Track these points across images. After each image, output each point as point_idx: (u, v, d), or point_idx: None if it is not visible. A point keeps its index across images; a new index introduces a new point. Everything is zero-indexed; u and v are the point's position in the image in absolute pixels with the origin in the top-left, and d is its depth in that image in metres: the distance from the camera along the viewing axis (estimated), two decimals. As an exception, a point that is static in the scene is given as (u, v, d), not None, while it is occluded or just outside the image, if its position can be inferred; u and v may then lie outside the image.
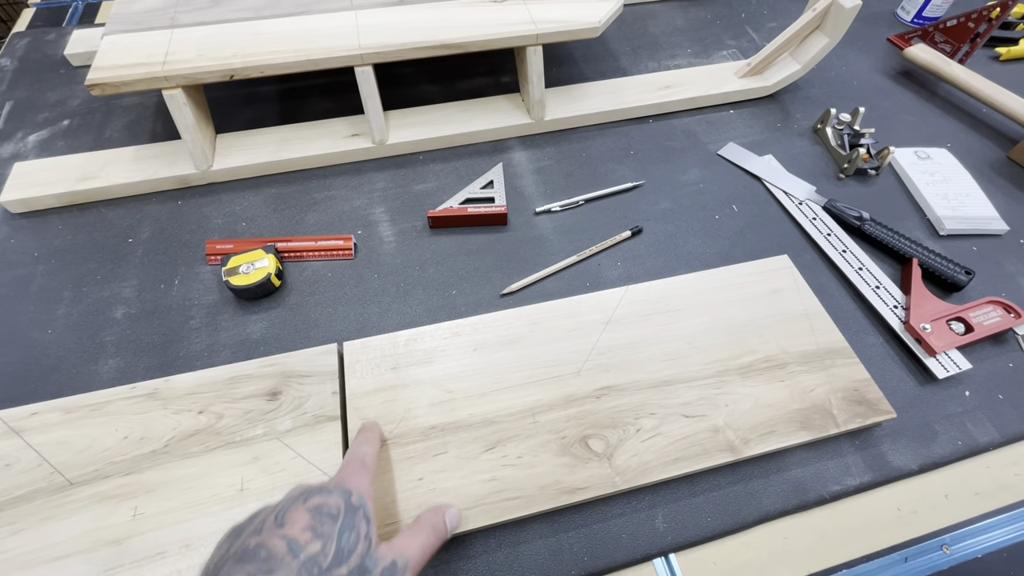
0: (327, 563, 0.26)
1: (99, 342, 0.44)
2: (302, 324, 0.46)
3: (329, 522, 0.27)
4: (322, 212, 0.54)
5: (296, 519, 0.27)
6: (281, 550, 0.25)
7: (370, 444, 0.35)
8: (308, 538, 0.26)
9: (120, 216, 0.53)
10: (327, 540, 0.26)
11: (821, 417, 0.40)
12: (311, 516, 0.27)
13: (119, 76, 0.48)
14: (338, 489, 0.29)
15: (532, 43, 0.55)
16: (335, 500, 0.28)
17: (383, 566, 0.27)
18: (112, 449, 0.38)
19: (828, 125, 0.61)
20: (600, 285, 0.49)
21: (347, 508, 0.28)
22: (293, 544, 0.26)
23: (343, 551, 0.26)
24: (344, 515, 0.28)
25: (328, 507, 0.28)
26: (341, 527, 0.27)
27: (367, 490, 0.30)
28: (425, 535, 0.31)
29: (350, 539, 0.27)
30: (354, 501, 0.29)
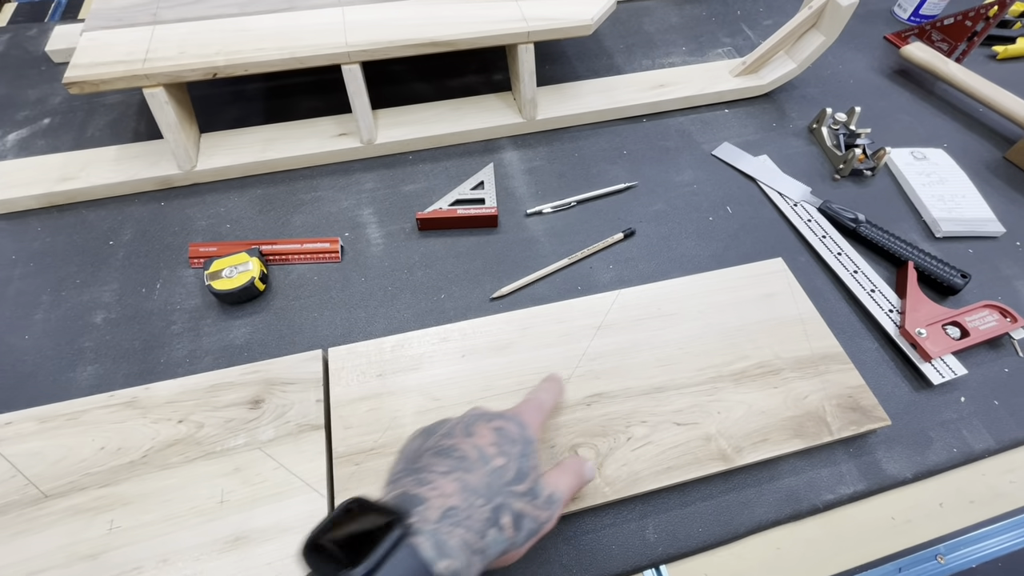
0: (509, 478, 0.28)
1: (78, 348, 0.43)
2: (287, 329, 0.45)
3: (509, 444, 0.29)
4: (309, 214, 0.52)
5: (483, 433, 0.29)
6: (473, 455, 0.28)
7: (550, 394, 0.36)
8: (494, 452, 0.28)
9: (101, 218, 0.52)
10: (510, 459, 0.28)
11: (815, 424, 0.39)
12: (495, 434, 0.29)
13: (98, 74, 0.47)
14: (515, 419, 0.31)
15: (523, 41, 0.54)
16: (514, 428, 0.30)
17: (546, 495, 0.29)
18: (88, 460, 0.36)
19: (824, 125, 0.60)
20: (592, 289, 0.48)
21: (524, 438, 0.30)
22: (483, 453, 0.28)
23: (522, 472, 0.28)
24: (522, 443, 0.30)
25: (509, 431, 0.30)
26: (520, 452, 0.29)
27: (537, 431, 0.32)
28: (572, 477, 0.32)
29: (526, 464, 0.29)
30: (528, 434, 0.30)
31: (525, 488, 0.28)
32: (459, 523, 0.25)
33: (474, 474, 0.27)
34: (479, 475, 0.27)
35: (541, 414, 0.34)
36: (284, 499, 0.35)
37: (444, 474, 0.26)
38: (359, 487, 0.36)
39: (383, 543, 0.22)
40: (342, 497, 0.35)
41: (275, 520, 0.35)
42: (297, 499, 0.35)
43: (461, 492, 0.26)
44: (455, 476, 0.26)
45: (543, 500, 0.29)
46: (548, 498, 0.29)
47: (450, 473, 0.26)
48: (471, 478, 0.26)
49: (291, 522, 0.34)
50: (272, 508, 0.35)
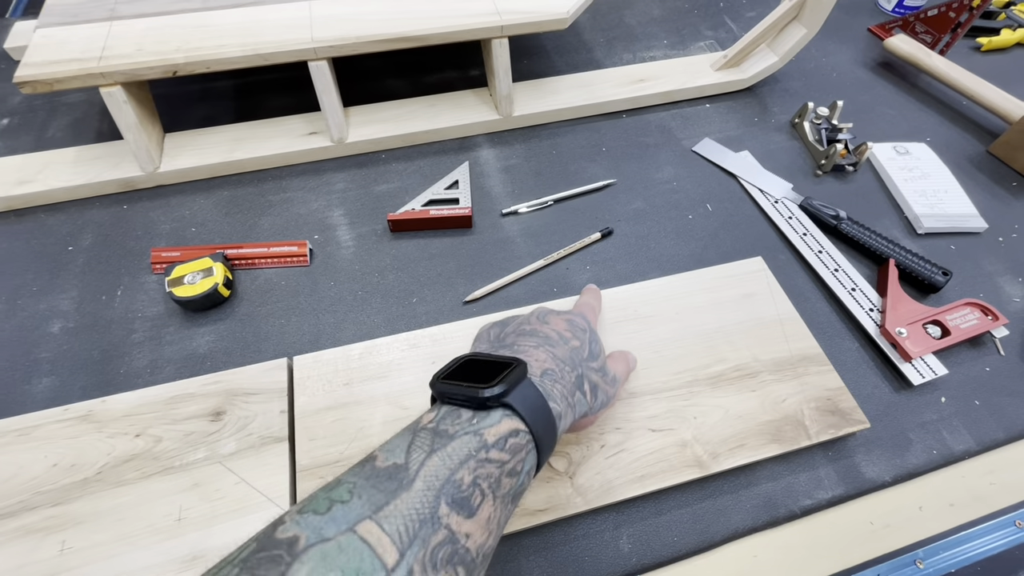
0: (584, 355, 0.31)
1: (33, 359, 0.42)
2: (252, 337, 0.43)
3: (580, 331, 0.32)
4: (277, 216, 0.51)
5: (556, 322, 0.32)
6: (554, 336, 0.31)
7: (597, 299, 0.41)
8: (570, 335, 0.32)
9: (60, 222, 0.50)
10: (583, 342, 0.32)
11: (793, 429, 0.38)
12: (567, 323, 0.33)
13: (51, 73, 0.45)
14: (579, 315, 0.34)
15: (497, 35, 0.52)
16: (580, 320, 0.33)
17: (611, 375, 0.33)
18: (40, 478, 0.35)
19: (806, 119, 0.59)
20: (568, 291, 0.47)
21: (590, 330, 0.33)
22: (561, 335, 0.31)
23: (594, 353, 0.32)
24: (590, 333, 0.33)
25: (577, 322, 0.33)
26: (590, 337, 0.33)
27: (594, 326, 0.35)
28: (624, 364, 0.36)
29: (596, 347, 0.33)
30: (592, 328, 0.34)
31: (598, 365, 0.32)
32: (556, 381, 0.28)
33: (559, 348, 0.30)
34: (563, 349, 0.30)
35: (595, 314, 0.38)
36: (245, 515, 0.34)
37: (535, 347, 0.30)
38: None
39: (511, 371, 0.25)
40: (305, 512, 0.34)
41: (235, 537, 0.33)
42: (258, 515, 0.34)
43: (552, 359, 0.29)
44: (545, 348, 0.30)
45: (611, 378, 0.33)
46: (613, 377, 0.33)
47: (540, 347, 0.30)
48: (557, 351, 0.30)
49: (251, 539, 0.33)
50: (232, 525, 0.34)
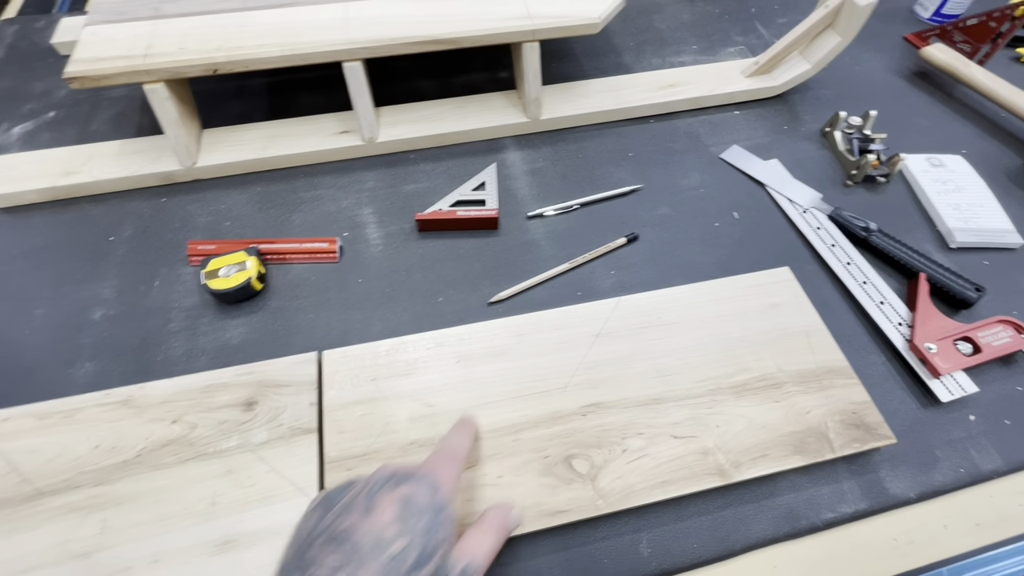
0: (408, 565, 0.26)
1: (76, 344, 0.44)
2: (283, 330, 0.45)
3: (415, 518, 0.27)
4: (308, 212, 0.52)
5: (384, 508, 0.27)
6: (368, 543, 0.26)
7: (464, 438, 0.34)
8: (394, 533, 0.26)
9: (103, 213, 0.52)
10: (412, 538, 0.26)
11: (816, 441, 0.38)
12: (399, 507, 0.27)
13: (99, 69, 0.47)
14: (426, 481, 0.29)
15: (528, 39, 0.52)
16: (423, 494, 0.28)
17: (457, 572, 0.27)
18: (83, 458, 0.37)
19: (837, 129, 0.58)
20: (592, 295, 0.47)
21: (433, 506, 0.28)
22: (380, 539, 0.26)
23: (425, 553, 0.26)
24: (431, 513, 0.28)
25: (416, 500, 0.28)
26: (427, 526, 0.27)
27: (453, 485, 0.30)
28: (493, 536, 0.31)
29: (432, 541, 0.27)
30: (439, 499, 0.29)
31: (430, 570, 0.26)
32: None
33: (366, 568, 0.25)
34: (372, 569, 0.25)
35: (456, 466, 0.32)
36: (275, 503, 0.35)
37: (335, 570, 0.24)
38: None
39: None
40: (332, 503, 0.35)
41: (265, 524, 0.34)
42: (288, 503, 0.35)
43: None
44: (340, 568, 0.24)
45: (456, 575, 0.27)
46: (461, 573, 0.27)
47: (339, 570, 0.24)
48: (364, 570, 0.25)
49: (281, 526, 0.34)
50: (263, 512, 0.35)
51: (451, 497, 0.29)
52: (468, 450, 0.34)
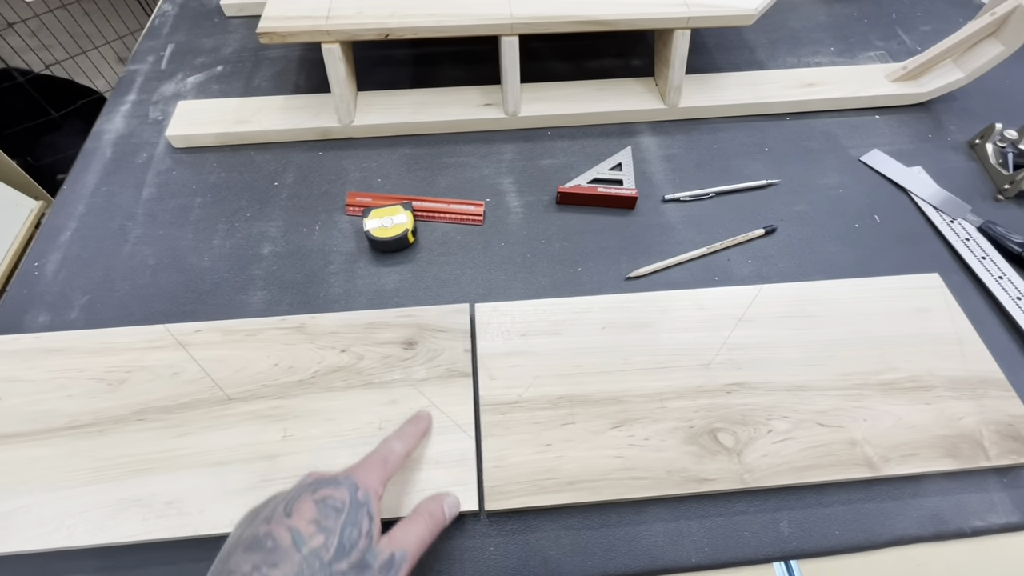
0: (328, 557, 0.27)
1: (249, 275, 0.48)
2: (432, 282, 0.47)
3: (333, 516, 0.28)
4: (452, 177, 0.55)
5: (304, 510, 0.28)
6: (287, 542, 0.27)
7: (402, 441, 0.35)
8: (312, 531, 0.27)
9: (267, 160, 0.56)
10: (330, 534, 0.27)
11: (970, 448, 0.37)
12: (317, 508, 0.28)
13: (287, 27, 0.51)
14: (347, 482, 0.30)
15: (682, 26, 0.53)
16: (341, 493, 0.29)
17: (382, 560, 0.28)
18: (264, 373, 0.40)
19: (989, 141, 0.56)
20: (729, 280, 0.47)
21: (352, 503, 0.29)
22: (297, 536, 0.27)
23: (344, 546, 0.27)
24: (349, 510, 0.29)
25: (334, 500, 0.29)
26: (344, 522, 0.28)
27: (376, 487, 0.31)
28: (423, 525, 0.32)
29: (352, 534, 0.28)
30: (359, 497, 0.30)
31: (352, 562, 0.27)
32: None
33: (282, 567, 0.26)
34: (289, 566, 0.26)
35: (383, 468, 0.32)
36: (436, 435, 0.38)
37: (252, 570, 0.25)
38: (504, 435, 0.38)
39: None
40: (489, 442, 0.37)
41: (429, 453, 0.37)
42: (448, 437, 0.38)
43: None
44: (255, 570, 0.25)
45: (378, 567, 0.28)
46: (386, 562, 0.28)
47: (257, 569, 0.25)
48: (278, 572, 0.25)
49: (443, 456, 0.37)
50: (425, 441, 0.38)
51: (373, 496, 0.30)
52: (405, 452, 0.35)
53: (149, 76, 0.64)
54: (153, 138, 0.58)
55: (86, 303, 0.46)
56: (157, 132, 0.58)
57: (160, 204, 0.53)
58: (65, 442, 0.37)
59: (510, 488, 0.36)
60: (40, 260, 0.49)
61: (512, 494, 0.36)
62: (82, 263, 0.49)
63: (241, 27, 0.70)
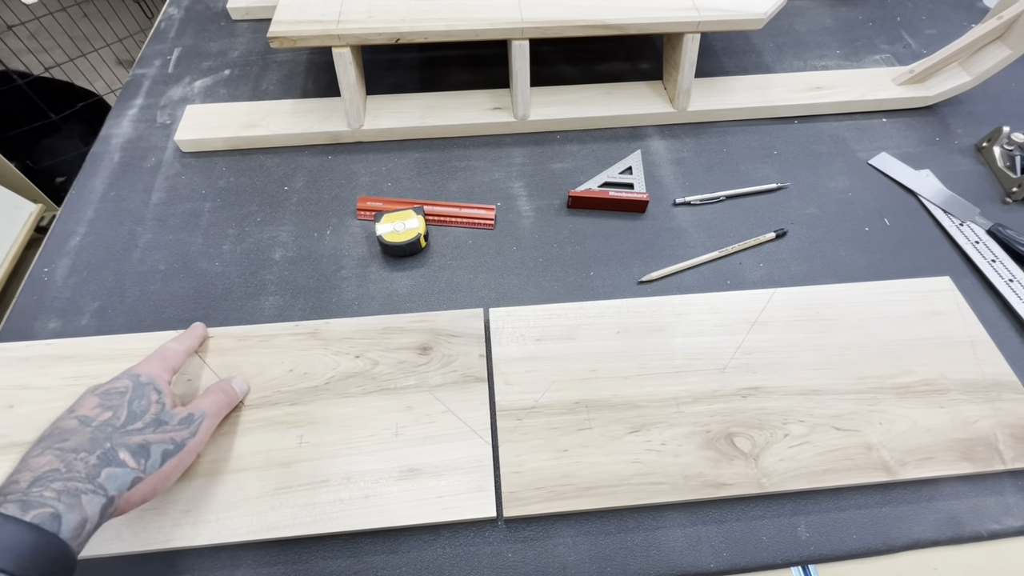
0: (120, 423, 0.30)
1: (261, 280, 0.48)
2: (445, 286, 0.47)
3: (117, 397, 0.32)
4: (463, 181, 0.55)
5: (85, 403, 0.31)
6: (71, 425, 0.30)
7: (180, 341, 0.39)
8: (98, 412, 0.31)
9: (276, 164, 0.56)
10: (117, 408, 0.31)
11: (986, 451, 0.38)
12: (99, 397, 0.32)
13: (298, 31, 0.51)
14: (126, 375, 0.34)
15: (692, 30, 0.53)
16: (122, 382, 0.33)
17: (180, 418, 0.33)
18: (279, 379, 0.40)
19: (996, 144, 0.56)
20: (741, 284, 0.48)
21: (135, 385, 0.33)
22: (83, 418, 0.30)
23: (135, 413, 0.31)
24: (133, 389, 0.32)
25: (116, 388, 0.32)
26: (131, 398, 0.32)
27: (159, 374, 0.34)
28: (215, 394, 0.36)
29: (141, 404, 0.32)
30: (142, 379, 0.33)
31: (146, 421, 0.31)
32: (55, 479, 0.27)
33: (71, 439, 0.29)
34: (78, 438, 0.29)
35: (164, 360, 0.36)
36: (452, 440, 0.38)
37: (36, 456, 0.28)
38: (521, 440, 0.38)
39: None
40: (506, 448, 0.37)
41: (445, 458, 0.37)
42: (464, 443, 0.38)
43: (56, 459, 0.28)
44: (45, 449, 0.28)
45: (176, 422, 0.32)
46: (185, 419, 0.33)
47: (42, 452, 0.28)
48: (67, 444, 0.29)
49: (459, 462, 0.37)
50: (442, 447, 0.37)
51: (159, 379, 0.34)
52: (183, 352, 0.38)
53: (156, 80, 0.64)
54: (161, 142, 0.58)
55: (97, 309, 0.46)
56: (165, 136, 0.58)
57: (170, 209, 0.52)
58: (79, 450, 0.37)
59: (528, 494, 0.36)
60: (50, 266, 0.49)
61: (530, 500, 0.36)
62: (92, 269, 0.48)
63: (248, 31, 0.70)
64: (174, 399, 0.34)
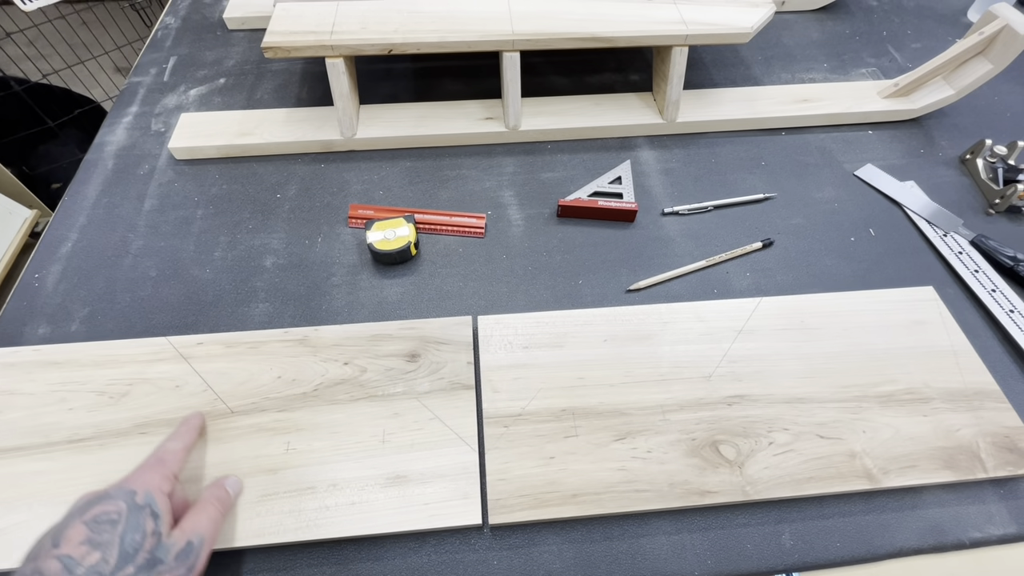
0: (111, 568, 0.26)
1: (251, 287, 0.48)
2: (434, 294, 0.48)
3: (109, 528, 0.28)
4: (454, 190, 0.55)
5: (72, 536, 0.27)
6: (55, 570, 0.26)
7: (178, 440, 0.35)
8: (85, 552, 0.27)
9: (269, 172, 0.56)
10: (107, 547, 0.27)
11: (967, 459, 0.38)
12: (88, 528, 0.27)
13: (291, 41, 0.51)
14: (120, 492, 0.29)
15: (680, 43, 0.54)
16: (115, 505, 0.29)
17: (177, 551, 0.29)
18: (267, 386, 0.40)
19: (980, 156, 0.57)
20: (728, 293, 0.48)
21: (130, 509, 0.29)
22: (68, 561, 0.26)
23: (127, 552, 0.27)
24: (127, 517, 0.28)
25: (108, 514, 0.28)
26: (123, 530, 0.28)
27: (158, 485, 0.31)
28: (212, 508, 0.32)
29: (134, 539, 0.28)
30: (139, 500, 0.29)
31: (139, 564, 0.27)
32: None
33: None
34: None
35: (163, 466, 0.33)
36: (439, 448, 0.38)
37: None
38: (508, 447, 0.38)
39: None
40: (492, 455, 0.38)
41: (432, 465, 0.37)
42: (451, 450, 0.38)
43: None
44: None
45: (174, 558, 0.28)
46: (182, 551, 0.29)
47: None
48: None
49: (446, 470, 0.37)
50: (428, 454, 0.38)
51: (156, 494, 0.30)
52: (182, 451, 0.35)
53: (151, 88, 0.65)
54: (155, 150, 0.58)
55: (87, 315, 0.46)
56: (159, 144, 0.59)
57: (162, 216, 0.53)
58: (65, 456, 0.37)
59: (513, 501, 0.36)
60: (40, 272, 0.49)
61: (515, 507, 0.36)
62: (83, 275, 0.48)
63: (244, 40, 0.71)
64: (171, 516, 0.30)
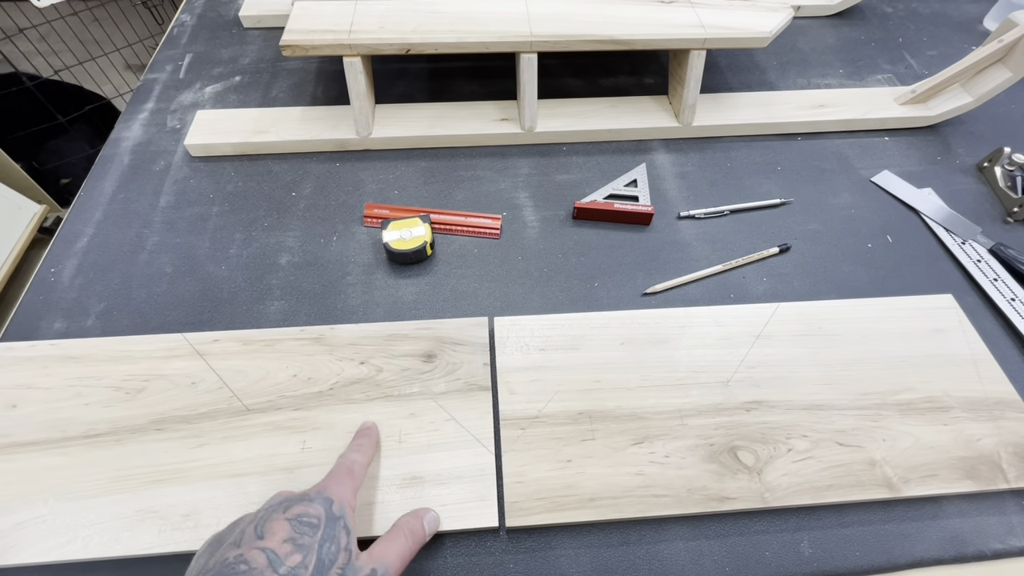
0: (308, 575, 0.26)
1: (266, 284, 0.48)
2: (450, 294, 0.48)
3: (309, 532, 0.27)
4: (469, 190, 0.55)
5: (276, 530, 0.27)
6: (261, 563, 0.26)
7: (362, 452, 0.35)
8: (288, 550, 0.26)
9: (285, 170, 0.56)
10: (307, 552, 0.27)
11: (989, 470, 0.38)
12: (291, 527, 0.27)
13: (310, 40, 0.51)
14: (320, 497, 0.29)
15: (698, 47, 0.54)
16: (316, 509, 0.28)
17: (370, 569, 0.28)
18: (283, 384, 0.40)
19: (997, 164, 0.57)
20: (745, 298, 0.48)
21: (328, 518, 0.28)
22: (273, 557, 0.26)
23: (323, 562, 0.27)
24: (325, 525, 0.28)
25: (308, 516, 0.28)
26: (322, 537, 0.27)
27: (349, 499, 0.30)
28: (403, 541, 0.31)
29: (330, 550, 0.27)
30: (335, 511, 0.29)
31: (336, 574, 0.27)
32: None
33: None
34: None
35: (352, 480, 0.32)
36: (456, 449, 0.38)
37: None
38: (524, 450, 0.38)
39: None
40: (509, 457, 0.37)
41: (448, 467, 0.37)
42: (468, 451, 0.38)
43: None
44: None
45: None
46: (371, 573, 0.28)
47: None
48: None
49: (463, 471, 0.37)
50: (445, 455, 0.37)
51: (348, 509, 0.30)
52: (366, 463, 0.34)
53: (167, 85, 0.65)
54: (171, 146, 0.58)
55: (102, 310, 0.46)
56: (175, 141, 0.59)
57: (177, 212, 0.53)
58: (81, 451, 0.37)
59: (530, 504, 0.36)
60: (56, 266, 0.49)
61: (532, 511, 0.36)
62: (99, 270, 0.48)
63: (259, 38, 0.71)
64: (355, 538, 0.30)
